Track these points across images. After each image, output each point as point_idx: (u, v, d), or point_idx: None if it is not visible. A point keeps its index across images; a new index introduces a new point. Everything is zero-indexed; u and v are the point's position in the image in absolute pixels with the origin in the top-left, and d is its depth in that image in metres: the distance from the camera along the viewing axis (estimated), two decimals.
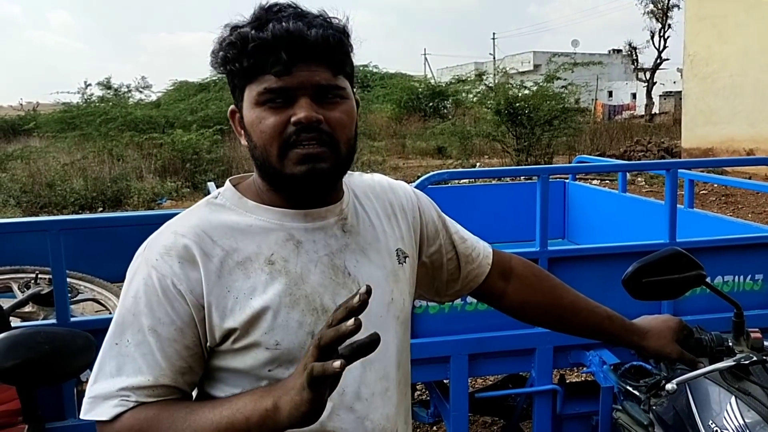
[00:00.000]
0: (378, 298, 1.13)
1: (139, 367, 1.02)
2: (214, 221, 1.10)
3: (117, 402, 1.02)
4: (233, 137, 18.34)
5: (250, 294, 1.05)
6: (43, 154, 14.82)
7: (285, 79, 1.03)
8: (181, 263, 1.04)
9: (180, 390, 1.06)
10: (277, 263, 1.08)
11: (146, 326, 1.03)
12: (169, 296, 1.03)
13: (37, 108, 26.99)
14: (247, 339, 1.05)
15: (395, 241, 1.22)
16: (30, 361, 1.20)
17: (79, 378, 2.17)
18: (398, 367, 1.19)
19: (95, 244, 3.46)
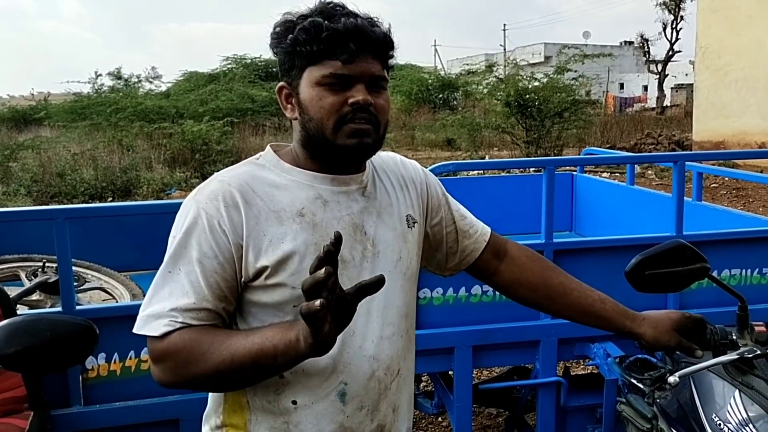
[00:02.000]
0: (388, 255, 1.32)
1: (186, 291, 1.19)
2: (256, 176, 1.28)
3: (167, 321, 1.17)
4: (242, 129, 18.48)
5: (281, 238, 1.22)
6: (54, 144, 14.89)
7: (349, 66, 1.22)
8: (226, 207, 1.21)
9: (219, 315, 1.22)
10: (307, 216, 1.25)
11: (194, 258, 1.20)
12: (214, 234, 1.20)
13: (48, 98, 27.10)
14: (276, 278, 1.21)
15: (405, 208, 1.39)
16: (32, 348, 1.21)
17: (84, 365, 2.19)
18: (405, 317, 1.36)
19: (103, 233, 3.48)
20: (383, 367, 1.30)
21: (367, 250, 1.30)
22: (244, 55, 26.12)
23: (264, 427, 1.26)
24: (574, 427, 2.77)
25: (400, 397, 1.37)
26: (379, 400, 1.30)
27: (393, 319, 1.32)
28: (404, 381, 1.38)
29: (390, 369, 1.31)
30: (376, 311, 1.29)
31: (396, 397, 1.35)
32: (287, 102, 1.31)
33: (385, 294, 1.27)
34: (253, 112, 20.13)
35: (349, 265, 1.27)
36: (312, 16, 1.23)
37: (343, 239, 1.19)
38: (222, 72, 24.91)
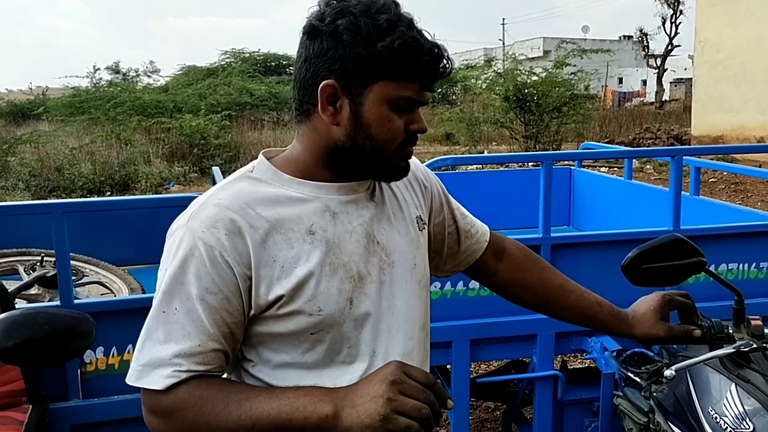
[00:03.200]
0: (403, 264, 1.22)
1: (188, 332, 1.06)
2: (254, 193, 1.13)
3: (170, 372, 1.05)
4: (241, 123, 18.44)
5: (294, 263, 1.11)
6: (52, 138, 14.88)
7: (424, 93, 1.15)
8: (228, 235, 1.08)
9: (225, 354, 1.11)
10: (317, 233, 1.14)
11: (194, 294, 1.06)
12: (216, 267, 1.07)
13: (46, 92, 27.05)
14: (291, 306, 1.10)
15: (414, 209, 1.30)
16: (30, 341, 1.21)
17: (82, 359, 2.19)
18: (422, 327, 1.27)
19: (101, 228, 3.48)
20: None
21: (382, 261, 1.20)
22: (242, 50, 26.09)
23: None
24: (571, 420, 2.78)
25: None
26: None
27: (413, 332, 1.24)
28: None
29: None
30: (397, 327, 1.20)
31: None
32: (329, 104, 1.12)
33: (404, 306, 1.21)
34: (252, 106, 20.10)
35: (367, 281, 1.17)
36: (396, 24, 1.09)
37: (358, 253, 1.16)
38: (220, 66, 24.84)
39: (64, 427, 2.15)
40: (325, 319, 1.12)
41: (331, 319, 1.12)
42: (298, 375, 1.13)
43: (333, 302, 1.12)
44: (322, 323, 1.12)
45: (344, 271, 1.14)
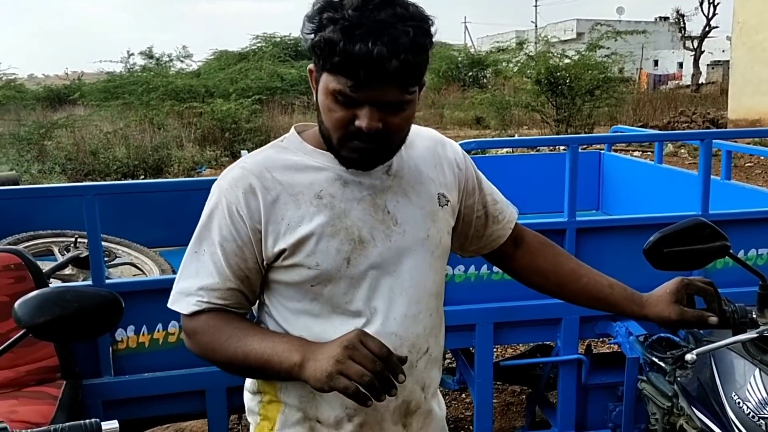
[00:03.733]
0: (414, 234, 1.32)
1: (210, 271, 1.27)
2: (276, 160, 1.30)
3: (194, 301, 1.27)
4: (271, 107, 18.55)
5: (298, 222, 1.25)
6: (87, 123, 15.12)
7: (356, 93, 1.16)
8: (244, 194, 1.26)
9: (242, 293, 1.29)
10: (325, 198, 1.27)
11: (216, 241, 1.27)
12: (233, 220, 1.26)
13: (81, 77, 27.49)
14: (293, 259, 1.26)
15: (437, 187, 1.37)
16: (59, 318, 1.25)
17: (114, 337, 2.26)
18: (434, 295, 1.36)
19: (133, 211, 3.55)
20: (407, 344, 1.30)
21: (390, 229, 1.30)
22: (273, 34, 26.15)
23: (293, 395, 1.32)
24: (595, 404, 2.78)
25: (430, 376, 1.38)
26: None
27: (419, 297, 1.32)
28: (434, 360, 1.38)
29: (415, 347, 1.32)
30: (400, 289, 1.30)
31: (424, 375, 1.36)
32: (316, 84, 1.25)
33: (409, 273, 1.30)
34: (282, 90, 20.19)
35: (369, 245, 1.27)
36: (339, 22, 1.13)
37: (362, 220, 1.28)
38: (251, 51, 24.96)
39: (96, 402, 2.23)
40: (322, 274, 1.26)
41: (327, 275, 1.26)
42: (307, 322, 1.29)
43: (330, 260, 1.25)
44: (319, 277, 1.26)
45: (345, 234, 1.26)
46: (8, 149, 13.31)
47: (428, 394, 1.38)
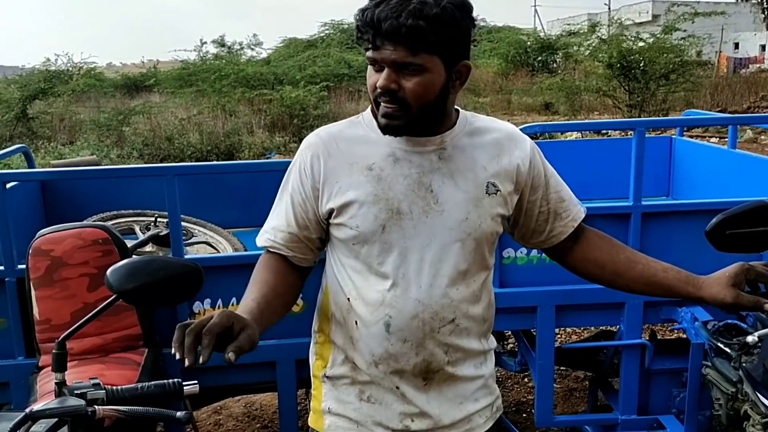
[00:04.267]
0: (453, 214, 1.44)
1: (281, 215, 1.52)
2: (344, 133, 1.50)
3: (266, 238, 1.53)
4: (338, 94, 18.73)
5: (348, 188, 1.44)
6: (163, 110, 15.67)
7: (374, 53, 1.36)
8: (312, 157, 1.48)
9: (303, 242, 1.51)
10: (375, 170, 1.44)
11: (289, 192, 1.51)
12: (301, 177, 1.49)
13: (157, 65, 28.34)
14: (339, 218, 1.45)
15: (489, 176, 1.48)
16: (147, 285, 1.37)
17: (192, 309, 2.40)
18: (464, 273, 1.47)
19: (209, 192, 3.70)
20: (430, 311, 1.45)
21: (429, 206, 1.44)
22: (341, 21, 26.33)
23: (339, 336, 1.52)
24: (659, 390, 2.76)
25: (457, 343, 1.50)
26: (425, 339, 1.46)
27: (447, 272, 1.45)
28: (463, 330, 1.49)
29: (438, 315, 1.45)
30: (429, 262, 1.44)
31: (450, 341, 1.48)
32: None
33: (441, 249, 1.44)
34: (349, 77, 20.34)
35: (405, 217, 1.43)
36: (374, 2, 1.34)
37: (404, 194, 1.43)
38: (320, 38, 25.24)
39: (175, 370, 2.35)
40: (360, 235, 1.43)
41: (364, 237, 1.43)
42: (351, 275, 1.48)
43: (368, 224, 1.42)
44: (357, 238, 1.44)
45: (385, 204, 1.42)
46: (89, 135, 13.98)
47: (452, 358, 1.50)
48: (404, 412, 1.50)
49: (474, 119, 1.53)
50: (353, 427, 1.53)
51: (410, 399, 1.49)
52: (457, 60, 1.39)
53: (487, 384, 1.59)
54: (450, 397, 1.52)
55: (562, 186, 1.59)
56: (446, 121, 1.48)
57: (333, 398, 1.55)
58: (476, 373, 1.55)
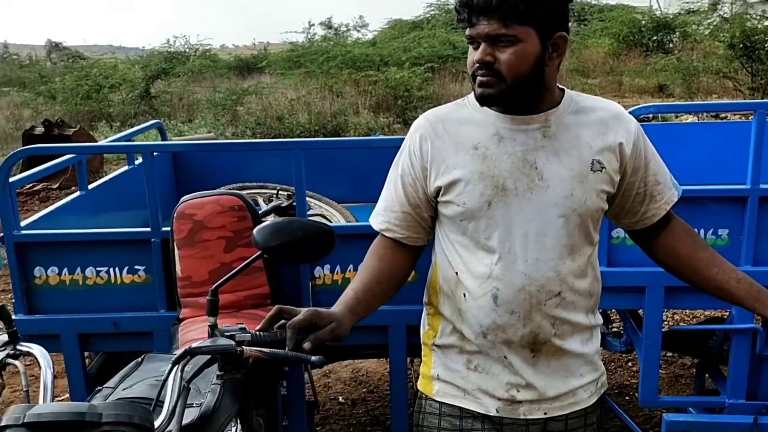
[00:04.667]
0: (557, 191, 1.49)
1: (393, 196, 1.61)
2: (451, 114, 1.57)
3: (380, 219, 1.63)
4: (443, 75, 18.72)
5: (454, 167, 1.52)
6: (273, 90, 16.24)
7: (470, 30, 1.43)
8: (420, 138, 1.56)
9: (415, 220, 1.60)
10: (480, 149, 1.51)
11: (399, 173, 1.60)
12: (410, 158, 1.58)
13: (267, 48, 29.26)
14: (447, 196, 1.53)
15: (594, 153, 1.51)
16: (287, 243, 1.55)
17: (312, 273, 2.60)
18: (570, 248, 1.51)
19: (322, 168, 3.92)
20: (536, 284, 1.50)
21: (534, 183, 1.48)
22: (446, 1, 26.16)
23: (448, 308, 1.59)
24: None
25: (564, 316, 1.54)
26: (531, 311, 1.51)
27: (553, 246, 1.50)
28: (569, 304, 1.54)
29: (545, 288, 1.50)
30: (534, 237, 1.49)
31: (556, 314, 1.53)
32: None
33: (546, 224, 1.49)
34: (454, 58, 20.22)
35: (510, 194, 1.48)
36: None
37: (509, 171, 1.49)
38: (425, 18, 25.19)
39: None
40: (467, 212, 1.51)
41: (470, 213, 1.50)
42: (459, 250, 1.55)
43: (474, 201, 1.49)
44: (464, 214, 1.51)
45: (490, 181, 1.49)
46: (206, 113, 14.74)
47: (559, 331, 1.54)
48: (510, 382, 1.56)
49: (579, 98, 1.56)
50: (460, 394, 1.60)
51: (517, 370, 1.55)
52: (552, 31, 1.43)
53: (593, 360, 1.62)
54: (556, 370, 1.57)
55: (660, 168, 1.61)
56: (548, 98, 1.51)
57: (442, 366, 1.63)
58: (582, 348, 1.59)
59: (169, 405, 1.44)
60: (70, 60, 24.79)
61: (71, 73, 17.12)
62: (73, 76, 16.54)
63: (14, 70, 22.47)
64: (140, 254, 2.56)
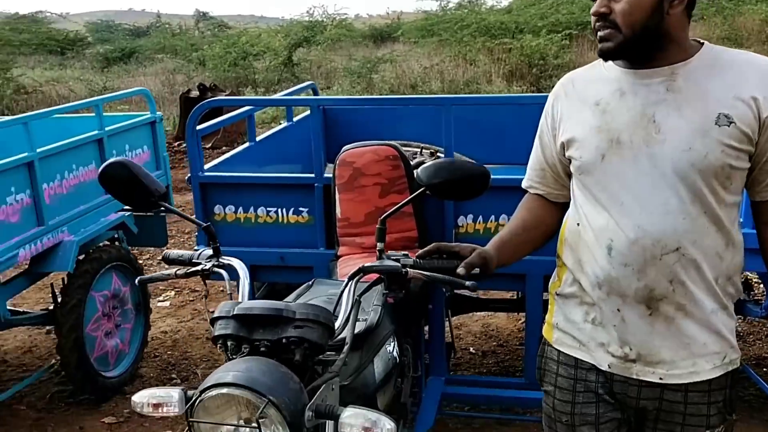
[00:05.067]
0: (675, 144, 1.46)
1: (534, 155, 1.76)
2: (583, 74, 1.65)
3: (525, 179, 1.80)
4: (581, 43, 18.14)
5: (577, 123, 1.59)
6: (407, 58, 16.50)
7: None
8: (553, 99, 1.68)
9: (553, 177, 1.72)
10: (601, 105, 1.55)
11: (539, 134, 1.73)
12: (546, 118, 1.70)
13: (400, 16, 29.54)
14: (569, 152, 1.62)
15: (721, 107, 1.43)
16: (447, 181, 1.73)
17: (456, 222, 2.79)
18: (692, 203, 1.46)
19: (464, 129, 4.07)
20: (650, 238, 1.47)
21: (650, 136, 1.47)
22: None
23: (570, 259, 1.65)
24: None
25: (684, 276, 1.49)
26: (645, 265, 1.48)
27: (667, 201, 1.46)
28: (689, 262, 1.48)
29: (660, 242, 1.47)
30: (648, 190, 1.47)
31: (675, 271, 1.48)
32: None
33: (661, 178, 1.46)
34: None
35: (625, 147, 1.49)
36: None
37: (626, 125, 1.50)
38: None
39: None
40: (583, 165, 1.57)
41: (586, 167, 1.56)
42: (583, 203, 1.60)
43: (589, 155, 1.55)
44: (581, 168, 1.58)
45: (606, 134, 1.52)
46: (342, 81, 15.25)
47: (678, 291, 1.49)
48: (624, 338, 1.55)
49: (722, 52, 1.49)
50: (576, 345, 1.64)
51: (631, 326, 1.53)
52: None
53: (721, 333, 1.54)
54: (675, 333, 1.52)
55: None
56: (675, 50, 1.48)
57: (562, 315, 1.69)
58: (708, 315, 1.52)
59: (344, 313, 1.70)
60: (215, 29, 26.32)
61: (219, 42, 18.23)
62: (222, 44, 17.61)
63: (167, 38, 24.14)
64: (304, 197, 2.86)
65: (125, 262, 3.79)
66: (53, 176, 3.33)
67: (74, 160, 3.50)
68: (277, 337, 1.54)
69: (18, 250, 3.08)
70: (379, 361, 1.97)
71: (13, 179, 3.07)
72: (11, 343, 4.44)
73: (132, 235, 3.97)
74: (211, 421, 1.45)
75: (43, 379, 3.90)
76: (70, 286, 3.43)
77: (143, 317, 4.02)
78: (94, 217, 3.61)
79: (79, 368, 3.44)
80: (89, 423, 3.50)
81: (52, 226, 3.30)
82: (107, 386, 3.64)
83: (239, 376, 1.42)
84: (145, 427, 3.46)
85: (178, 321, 4.71)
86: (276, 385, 1.43)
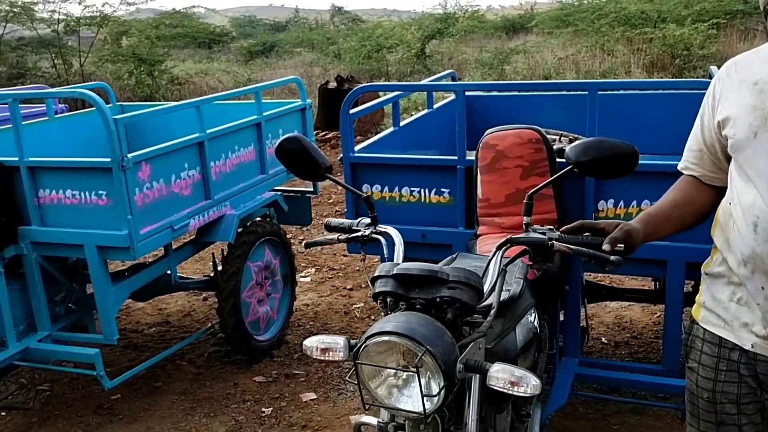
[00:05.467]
0: None
1: (693, 137, 1.78)
2: (746, 57, 1.66)
3: (682, 160, 1.81)
4: (729, 33, 17.02)
5: (734, 102, 1.61)
6: (540, 49, 16.24)
7: None
8: (716, 81, 1.70)
9: (710, 159, 1.73)
10: (759, 84, 1.57)
11: (700, 114, 1.75)
12: (707, 99, 1.71)
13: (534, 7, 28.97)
14: (724, 130, 1.64)
15: None
16: (596, 159, 1.78)
17: (596, 206, 2.83)
18: None
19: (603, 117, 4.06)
20: None
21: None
22: None
23: (720, 238, 1.67)
24: None
25: None
26: None
27: None
28: None
29: None
30: None
31: None
32: None
33: None
34: (744, 14, 18.23)
35: None
36: None
37: None
38: None
39: None
40: (736, 143, 1.59)
41: (738, 144, 1.58)
42: (736, 180, 1.61)
43: (742, 131, 1.57)
44: (734, 146, 1.60)
45: (760, 113, 1.53)
46: (474, 72, 15.27)
47: None
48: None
49: None
50: (721, 324, 1.66)
51: None
52: None
53: None
54: None
55: None
56: None
57: (709, 294, 1.71)
58: None
59: (491, 281, 1.82)
60: (350, 23, 27.08)
61: (355, 35, 18.80)
62: (357, 37, 18.15)
63: (305, 32, 25.17)
64: (446, 179, 3.01)
65: (276, 237, 4.12)
66: (219, 155, 3.69)
67: (236, 141, 3.85)
68: (431, 296, 1.70)
69: (189, 220, 3.46)
70: (520, 330, 2.09)
71: (187, 156, 3.45)
72: (173, 307, 4.95)
73: (282, 213, 4.30)
74: (374, 364, 1.63)
75: (201, 340, 4.33)
76: (230, 255, 3.79)
77: (290, 288, 4.35)
78: (251, 194, 3.97)
79: (235, 329, 3.80)
80: (242, 380, 3.86)
81: (217, 200, 3.66)
82: (258, 349, 3.99)
83: (400, 326, 1.60)
84: (291, 387, 3.77)
85: (318, 295, 5.04)
86: (432, 336, 1.59)
